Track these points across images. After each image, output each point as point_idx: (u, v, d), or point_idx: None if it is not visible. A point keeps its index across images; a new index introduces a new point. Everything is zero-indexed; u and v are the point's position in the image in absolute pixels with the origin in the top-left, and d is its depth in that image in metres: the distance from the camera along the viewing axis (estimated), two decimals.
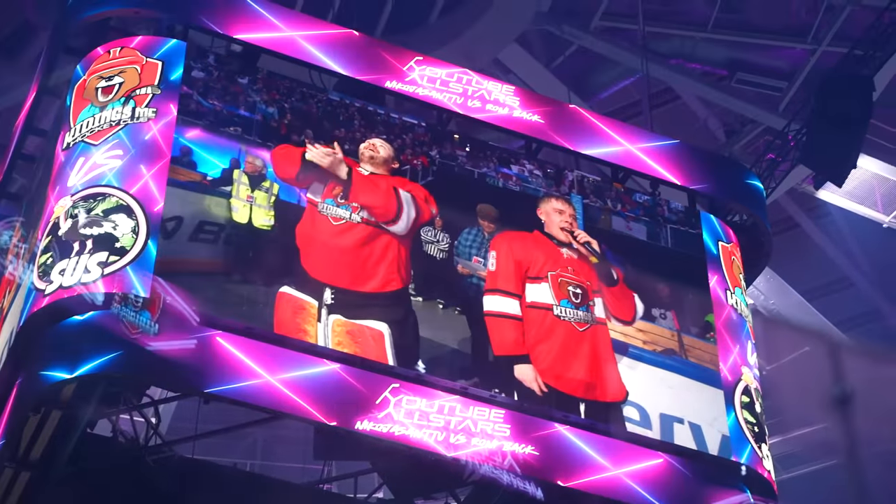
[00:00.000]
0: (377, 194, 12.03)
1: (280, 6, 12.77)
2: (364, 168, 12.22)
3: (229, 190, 11.54)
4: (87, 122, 11.32)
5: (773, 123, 20.81)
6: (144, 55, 11.69)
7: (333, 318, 11.35)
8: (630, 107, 22.61)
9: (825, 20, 20.63)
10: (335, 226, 11.76)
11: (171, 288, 10.48)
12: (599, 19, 21.01)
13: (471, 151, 12.91)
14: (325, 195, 11.86)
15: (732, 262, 13.50)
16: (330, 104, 12.55)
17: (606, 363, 12.17)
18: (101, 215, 10.65)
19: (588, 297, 12.39)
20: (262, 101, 12.17)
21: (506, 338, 11.94)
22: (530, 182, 13.09)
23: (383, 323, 11.47)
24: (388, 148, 12.47)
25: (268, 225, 11.62)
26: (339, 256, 11.66)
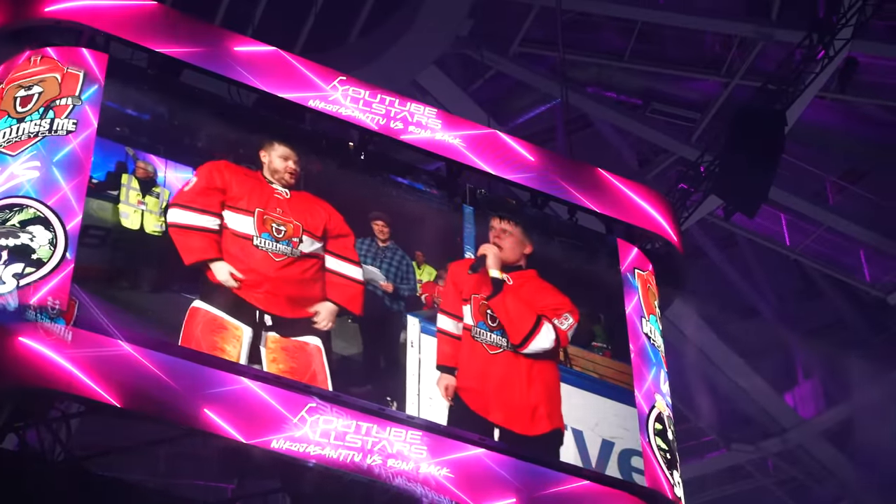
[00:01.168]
0: (312, 217, 12.14)
1: (202, 21, 12.69)
2: (277, 185, 12.17)
3: (116, 194, 11.31)
4: (4, 132, 11.13)
5: (685, 154, 21.13)
6: (65, 65, 11.52)
7: (269, 335, 11.34)
8: (545, 132, 22.82)
9: (738, 54, 21.01)
10: (277, 262, 11.75)
11: (87, 298, 10.36)
12: (518, 45, 21.20)
13: (366, 159, 12.92)
14: (260, 228, 11.80)
15: (648, 289, 13.65)
16: (223, 104, 12.44)
17: (523, 392, 12.22)
18: (18, 226, 10.48)
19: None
20: (151, 101, 12.00)
21: (445, 351, 12.14)
22: (423, 191, 13.16)
23: (317, 338, 11.56)
24: (297, 161, 12.40)
25: (159, 231, 11.42)
26: (280, 289, 11.66)
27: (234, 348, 11.12)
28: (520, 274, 12.84)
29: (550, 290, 12.89)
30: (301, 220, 12.05)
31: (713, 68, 21.55)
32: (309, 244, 12.00)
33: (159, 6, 12.39)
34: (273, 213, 11.94)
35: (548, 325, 12.49)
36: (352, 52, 20.44)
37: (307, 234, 12.02)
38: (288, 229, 11.93)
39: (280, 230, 11.89)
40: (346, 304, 11.94)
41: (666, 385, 13.19)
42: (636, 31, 21.26)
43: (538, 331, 12.44)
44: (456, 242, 12.91)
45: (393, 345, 12.06)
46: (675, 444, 12.85)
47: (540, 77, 21.33)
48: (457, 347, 12.19)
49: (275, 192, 12.12)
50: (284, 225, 11.93)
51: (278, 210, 12.01)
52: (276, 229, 11.88)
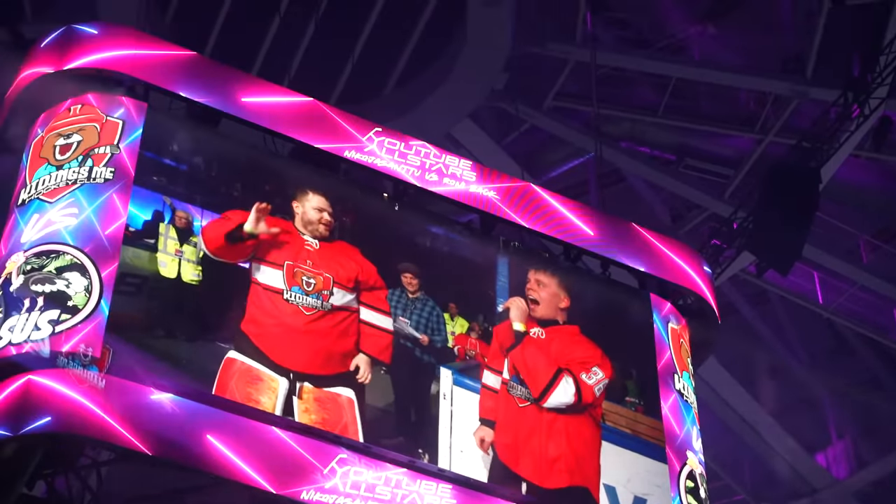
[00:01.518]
0: (344, 269, 12.10)
1: (240, 71, 12.78)
2: (308, 236, 12.14)
3: (154, 243, 11.34)
4: (44, 179, 11.22)
5: (719, 210, 21.09)
6: (105, 113, 11.62)
7: (302, 385, 11.31)
8: (578, 186, 22.84)
9: (773, 111, 21.00)
10: (307, 315, 11.70)
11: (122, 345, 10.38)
12: (552, 99, 21.27)
13: (400, 210, 12.90)
14: (290, 282, 11.77)
15: (681, 345, 13.59)
16: (259, 155, 12.42)
17: (542, 446, 12.14)
18: (54, 272, 10.54)
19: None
20: (187, 151, 12.03)
21: (487, 405, 12.10)
22: (457, 242, 13.15)
23: (350, 389, 11.52)
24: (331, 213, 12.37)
25: (196, 280, 11.45)
26: (312, 343, 11.61)
27: (269, 399, 11.07)
28: (556, 329, 12.80)
29: (584, 344, 12.83)
30: (332, 273, 12.00)
31: (747, 125, 21.54)
32: (340, 296, 11.94)
33: (198, 56, 12.50)
34: (303, 266, 11.89)
35: (568, 379, 12.39)
36: (387, 104, 20.57)
37: (338, 287, 11.96)
38: (318, 282, 11.88)
39: (310, 283, 11.84)
40: (377, 355, 11.89)
41: (698, 442, 13.10)
42: (670, 86, 21.29)
43: (556, 384, 12.34)
44: (489, 295, 12.89)
45: (425, 396, 12.00)
46: (708, 502, 12.73)
47: (574, 131, 21.39)
48: (497, 401, 12.16)
49: (305, 244, 12.09)
50: (314, 278, 11.88)
51: (308, 262, 11.96)
52: (306, 282, 11.83)
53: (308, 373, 11.40)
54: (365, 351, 11.85)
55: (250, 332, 11.39)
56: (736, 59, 21.51)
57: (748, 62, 21.39)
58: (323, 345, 11.67)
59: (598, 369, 12.60)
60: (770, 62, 21.33)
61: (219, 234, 11.63)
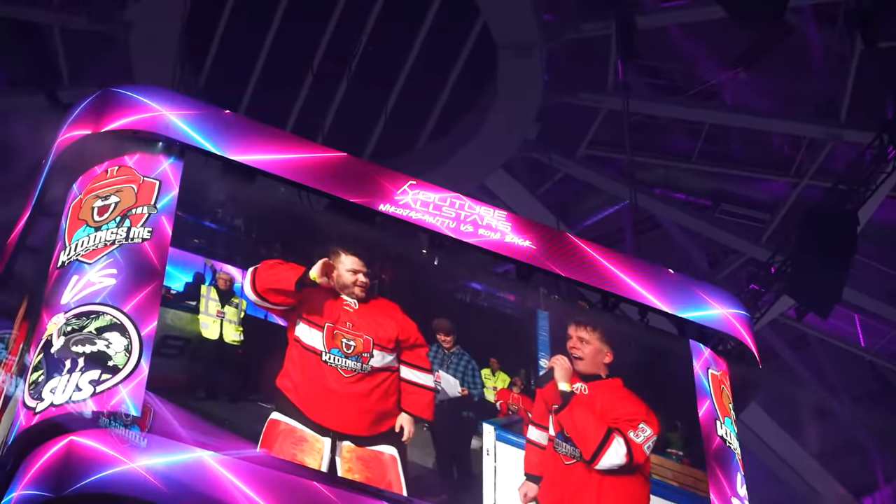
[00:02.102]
0: (384, 330, 12.01)
1: (277, 129, 12.88)
2: (347, 297, 12.06)
3: (195, 305, 11.38)
4: (83, 241, 11.31)
5: (756, 254, 21.05)
6: (141, 174, 11.71)
7: (343, 444, 11.22)
8: (613, 233, 22.86)
9: (807, 155, 20.97)
10: (346, 378, 11.61)
11: (162, 405, 10.40)
12: (586, 148, 21.32)
13: (438, 265, 12.87)
14: (329, 344, 11.73)
15: (722, 391, 13.47)
16: (295, 213, 12.41)
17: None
18: (94, 333, 10.58)
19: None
20: (227, 213, 12.10)
21: (532, 460, 11.93)
22: (497, 298, 13.08)
23: (393, 447, 11.43)
24: (367, 273, 12.27)
25: (237, 340, 11.45)
26: (351, 405, 11.50)
27: (313, 460, 10.99)
28: (600, 384, 12.60)
29: (628, 400, 12.60)
30: (371, 334, 11.89)
31: (782, 169, 21.52)
32: (380, 358, 11.82)
33: (232, 114, 12.62)
34: (343, 328, 11.79)
35: (619, 440, 12.13)
36: (420, 158, 20.69)
37: (378, 348, 11.85)
38: (358, 344, 11.76)
39: (350, 346, 11.73)
40: (419, 413, 11.76)
41: (743, 489, 12.95)
42: (703, 132, 21.30)
43: (608, 445, 12.09)
44: (530, 349, 12.79)
45: (466, 453, 11.86)
46: None
47: (608, 179, 21.43)
48: (543, 457, 11.99)
49: (344, 304, 11.99)
50: (354, 340, 11.77)
51: (348, 324, 11.85)
52: (346, 345, 11.72)
53: (349, 433, 11.31)
54: (406, 409, 11.74)
55: (285, 387, 11.33)
56: (769, 104, 21.52)
57: (781, 106, 21.39)
58: (363, 406, 11.56)
59: (646, 426, 12.36)
60: (803, 106, 21.33)
61: (283, 277, 11.69)
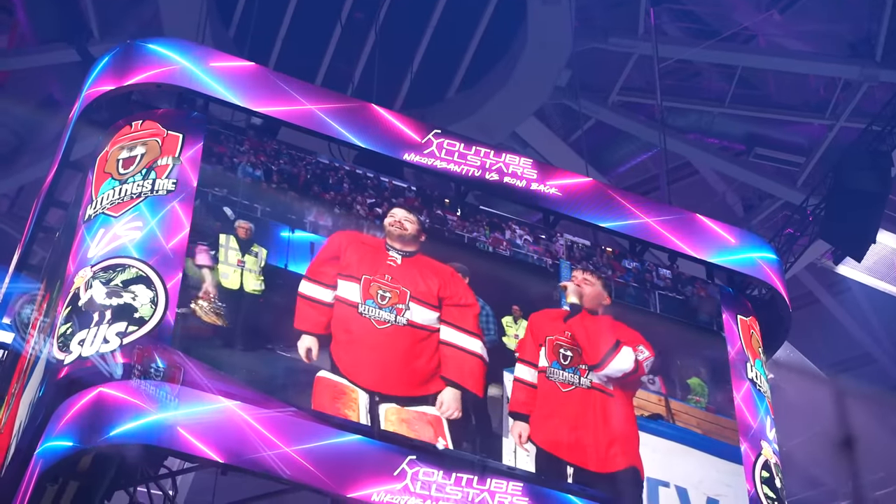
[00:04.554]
0: (424, 284, 12.02)
1: (299, 80, 12.87)
2: (394, 252, 12.16)
3: (215, 254, 11.37)
4: (108, 194, 11.40)
5: (791, 198, 20.88)
6: (166, 128, 11.78)
7: (386, 406, 11.25)
8: (648, 181, 22.73)
9: (843, 96, 20.74)
10: (379, 329, 11.64)
11: (189, 360, 10.48)
12: (617, 94, 21.17)
13: (461, 215, 12.88)
14: (364, 295, 11.77)
15: (751, 335, 13.44)
16: (318, 167, 12.46)
17: (597, 429, 11.99)
18: (121, 286, 10.68)
19: (578, 360, 12.26)
20: (247, 163, 12.13)
21: (519, 398, 11.88)
22: (521, 248, 13.10)
23: (436, 408, 11.49)
24: (413, 220, 12.41)
25: (259, 290, 11.48)
26: (387, 361, 11.55)
27: (353, 412, 11.07)
28: (597, 317, 12.67)
29: (624, 328, 12.67)
30: (409, 287, 11.91)
31: (817, 111, 21.28)
32: (420, 314, 11.83)
33: (257, 67, 12.62)
34: (380, 280, 11.84)
35: (627, 349, 12.30)
36: (451, 107, 20.60)
37: (415, 302, 11.86)
38: (392, 296, 11.80)
39: (384, 297, 11.77)
40: (462, 382, 11.68)
41: (773, 432, 12.94)
42: (737, 76, 21.10)
43: (617, 351, 12.25)
44: (553, 298, 12.80)
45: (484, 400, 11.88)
46: (784, 493, 12.58)
47: (640, 125, 21.27)
48: (532, 395, 11.98)
49: (387, 259, 12.05)
50: (389, 291, 11.82)
51: (387, 277, 11.90)
52: (381, 296, 11.77)
53: (386, 393, 11.33)
54: (448, 377, 11.69)
55: (332, 349, 11.40)
56: (803, 46, 21.28)
57: (816, 48, 21.14)
58: (396, 362, 11.59)
59: (644, 348, 12.45)
60: (838, 47, 21.07)
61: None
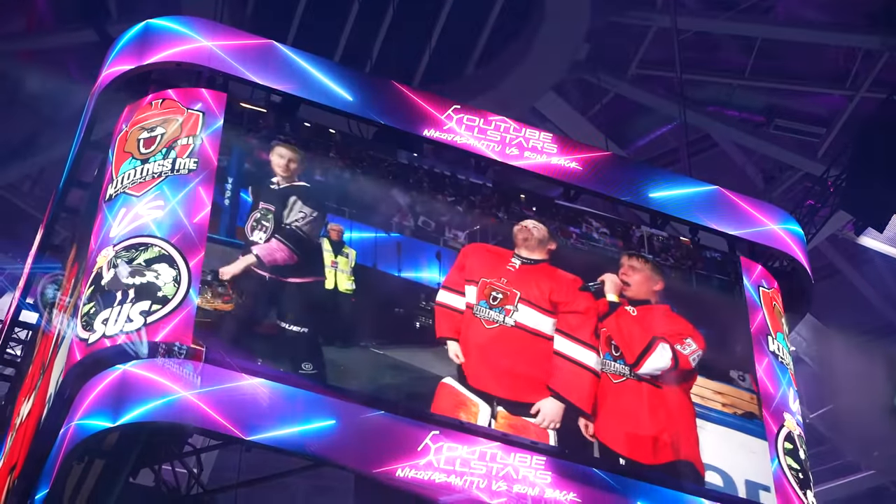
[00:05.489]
0: (537, 288, 12.16)
1: (317, 56, 12.87)
2: (517, 259, 12.36)
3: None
4: (129, 173, 11.43)
5: (811, 169, 20.78)
6: (185, 106, 11.81)
7: (498, 409, 11.48)
8: (667, 154, 22.62)
9: (863, 66, 20.61)
10: (487, 329, 11.84)
11: (212, 339, 10.53)
12: (636, 67, 21.07)
13: (537, 210, 12.91)
14: (479, 296, 11.98)
15: (773, 307, 13.42)
16: (399, 168, 12.61)
17: (644, 421, 12.01)
18: (144, 265, 10.73)
19: (505, 301, 12.21)
20: (336, 168, 12.33)
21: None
22: (597, 241, 13.12)
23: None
24: (541, 228, 12.58)
25: (350, 289, 11.75)
26: (494, 361, 11.74)
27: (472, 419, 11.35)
28: (648, 307, 12.60)
29: (676, 319, 12.61)
30: (521, 289, 12.08)
31: (837, 82, 21.15)
32: (530, 317, 12.00)
33: (274, 44, 12.61)
34: (497, 283, 12.06)
35: (664, 346, 12.21)
36: (470, 83, 20.54)
37: (525, 304, 12.02)
38: (503, 297, 11.99)
39: (496, 297, 11.97)
40: (568, 396, 11.78)
41: (796, 403, 12.94)
42: (756, 47, 20.99)
43: (652, 350, 12.17)
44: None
45: None
46: (808, 464, 12.58)
47: (659, 98, 21.18)
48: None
49: (507, 265, 12.29)
50: (501, 292, 12.00)
51: (502, 280, 12.12)
52: (493, 297, 11.98)
53: (495, 395, 11.53)
54: (553, 388, 11.79)
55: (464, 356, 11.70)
56: (823, 16, 21.13)
57: (835, 18, 21.00)
58: (502, 365, 11.77)
59: (692, 341, 12.36)
60: (858, 17, 20.91)
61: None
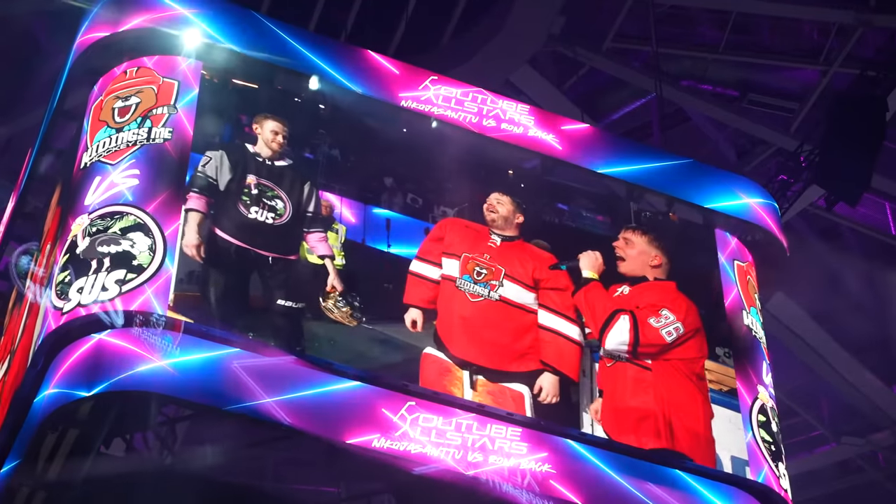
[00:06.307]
0: (520, 265, 12.20)
1: (294, 27, 12.78)
2: (495, 235, 12.37)
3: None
4: (104, 142, 11.35)
5: (785, 144, 20.84)
6: (161, 75, 11.72)
7: (477, 378, 11.60)
8: (641, 128, 22.66)
9: (836, 42, 20.67)
10: (472, 303, 11.91)
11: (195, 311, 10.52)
12: (611, 41, 21.05)
13: (525, 187, 12.90)
14: (462, 270, 12.04)
15: (748, 281, 13.46)
16: (385, 143, 12.61)
17: (633, 403, 11.93)
18: (119, 233, 10.66)
19: (490, 276, 12.24)
20: (325, 144, 12.34)
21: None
22: (585, 218, 13.10)
23: (525, 386, 11.72)
24: (505, 204, 12.50)
25: (340, 265, 11.79)
26: (478, 333, 11.80)
27: (458, 390, 11.48)
28: (645, 285, 12.34)
29: (666, 292, 12.27)
30: (504, 265, 12.12)
31: (811, 57, 21.20)
32: (514, 292, 12.02)
33: (250, 12, 12.53)
34: (479, 259, 12.09)
35: (624, 318, 11.91)
36: (445, 54, 20.48)
37: (509, 280, 12.05)
38: (489, 272, 12.03)
39: (480, 273, 12.01)
40: (559, 367, 11.84)
41: (769, 377, 12.99)
42: (731, 21, 21.00)
43: (612, 323, 11.93)
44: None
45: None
46: (780, 436, 12.65)
47: (634, 72, 21.18)
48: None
49: (488, 241, 12.27)
50: (486, 268, 12.04)
51: (485, 256, 12.15)
52: (477, 272, 12.01)
53: (478, 364, 11.64)
54: (546, 362, 11.87)
55: (437, 324, 11.84)
56: None
57: None
58: (490, 336, 11.81)
59: (669, 312, 11.97)
60: None
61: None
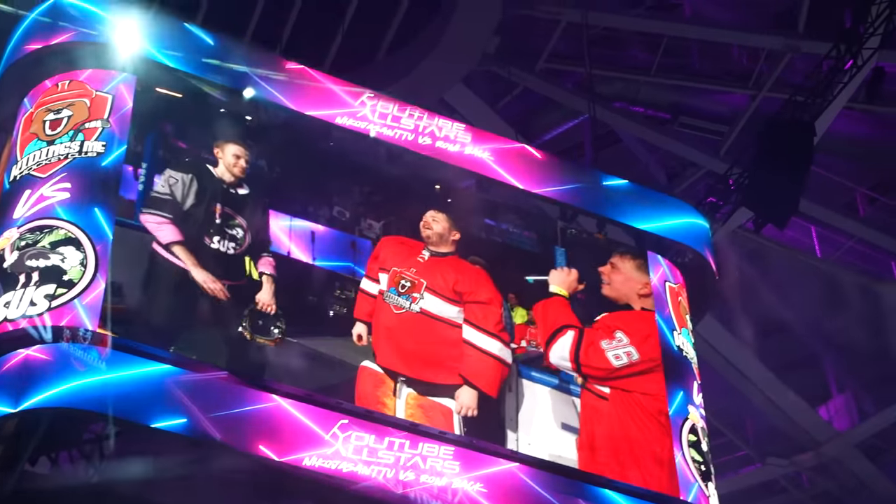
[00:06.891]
0: (442, 278, 12.29)
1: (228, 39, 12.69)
2: (426, 251, 12.49)
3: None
4: (34, 155, 11.20)
5: (714, 167, 21.07)
6: (94, 88, 11.59)
7: (408, 391, 11.72)
8: (573, 149, 22.80)
9: (765, 66, 20.94)
10: (395, 314, 12.04)
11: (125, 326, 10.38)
12: (545, 61, 21.18)
13: (452, 202, 12.90)
14: (389, 283, 12.19)
15: (679, 302, 13.54)
16: (314, 157, 12.62)
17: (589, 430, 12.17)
18: (48, 247, 10.52)
19: (413, 289, 12.39)
20: (252, 155, 12.27)
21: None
22: (513, 234, 13.14)
23: (453, 401, 11.81)
24: (441, 221, 12.58)
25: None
26: (401, 344, 11.94)
27: (391, 400, 11.63)
28: (626, 313, 12.66)
29: (626, 316, 12.61)
30: (427, 279, 12.23)
31: (741, 81, 21.49)
32: (436, 305, 12.13)
33: (184, 26, 12.42)
34: (406, 273, 12.22)
35: (571, 333, 12.14)
36: (380, 71, 20.47)
37: (430, 293, 12.17)
38: (412, 285, 12.16)
39: (404, 285, 12.15)
40: (476, 381, 11.88)
41: (699, 397, 13.08)
42: (662, 45, 21.22)
43: (557, 337, 12.15)
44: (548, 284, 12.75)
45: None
46: (710, 456, 12.73)
47: (567, 93, 21.33)
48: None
49: (417, 256, 12.40)
50: (410, 281, 12.18)
51: (412, 270, 12.27)
52: (402, 285, 12.16)
53: (403, 374, 11.80)
54: (464, 376, 11.90)
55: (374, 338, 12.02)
56: (728, 16, 21.43)
57: (740, 18, 21.31)
58: (411, 347, 11.95)
59: (623, 334, 12.30)
60: (762, 17, 21.25)
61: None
